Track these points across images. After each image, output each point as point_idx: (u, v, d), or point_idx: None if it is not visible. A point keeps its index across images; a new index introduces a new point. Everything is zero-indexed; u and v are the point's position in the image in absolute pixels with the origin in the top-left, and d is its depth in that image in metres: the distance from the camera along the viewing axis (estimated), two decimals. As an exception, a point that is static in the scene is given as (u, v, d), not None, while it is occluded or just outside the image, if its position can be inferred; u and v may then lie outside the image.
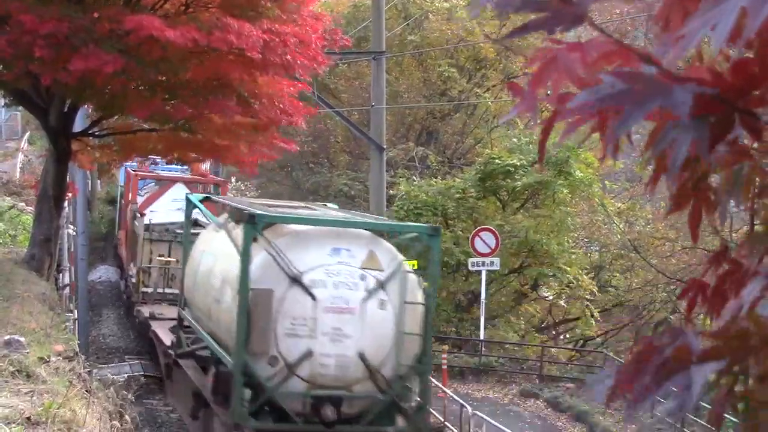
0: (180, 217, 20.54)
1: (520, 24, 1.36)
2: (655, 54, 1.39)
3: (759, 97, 1.25)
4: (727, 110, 1.24)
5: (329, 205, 16.11)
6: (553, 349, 27.12)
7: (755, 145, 1.38)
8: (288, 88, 16.45)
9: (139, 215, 23.51)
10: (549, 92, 1.40)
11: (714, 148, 1.26)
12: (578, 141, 23.94)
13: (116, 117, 17.92)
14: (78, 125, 17.66)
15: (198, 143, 17.55)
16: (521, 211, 27.03)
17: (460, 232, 25.78)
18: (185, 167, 31.15)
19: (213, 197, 16.80)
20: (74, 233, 23.23)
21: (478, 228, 23.78)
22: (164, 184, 26.44)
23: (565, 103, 1.32)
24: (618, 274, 30.54)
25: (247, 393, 10.84)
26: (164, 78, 14.78)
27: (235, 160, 18.70)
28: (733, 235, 21.40)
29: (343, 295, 11.10)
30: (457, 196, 26.08)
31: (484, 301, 22.73)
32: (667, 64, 1.29)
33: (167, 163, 31.22)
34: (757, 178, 1.48)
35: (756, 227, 1.57)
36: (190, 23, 13.37)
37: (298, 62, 14.72)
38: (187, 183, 25.33)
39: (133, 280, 22.27)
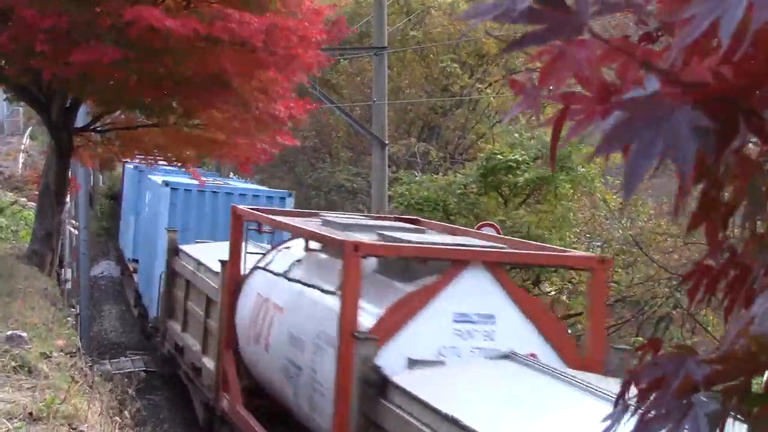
0: None
1: (520, 35, 1.34)
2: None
3: (763, 96, 1.23)
4: (731, 112, 1.23)
5: None
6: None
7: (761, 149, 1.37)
8: (286, 83, 16.42)
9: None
10: (551, 88, 1.39)
11: (722, 153, 1.24)
12: (580, 138, 23.90)
13: (118, 112, 17.92)
14: (80, 121, 17.66)
15: (200, 139, 17.54)
16: (523, 206, 27.00)
17: (462, 228, 25.77)
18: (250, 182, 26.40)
19: None
20: (75, 231, 23.10)
21: (480, 223, 23.73)
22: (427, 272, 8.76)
23: (569, 102, 1.32)
24: (620, 270, 30.50)
25: None
26: (165, 70, 14.77)
27: (236, 158, 18.63)
28: (735, 231, 21.36)
29: None
30: (459, 191, 26.05)
31: (485, 296, 22.73)
32: (667, 57, 1.28)
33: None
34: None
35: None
36: (191, 16, 13.36)
37: (300, 59, 14.70)
38: (492, 264, 8.44)
39: None
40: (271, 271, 11.13)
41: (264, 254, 12.15)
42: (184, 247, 16.49)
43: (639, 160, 1.21)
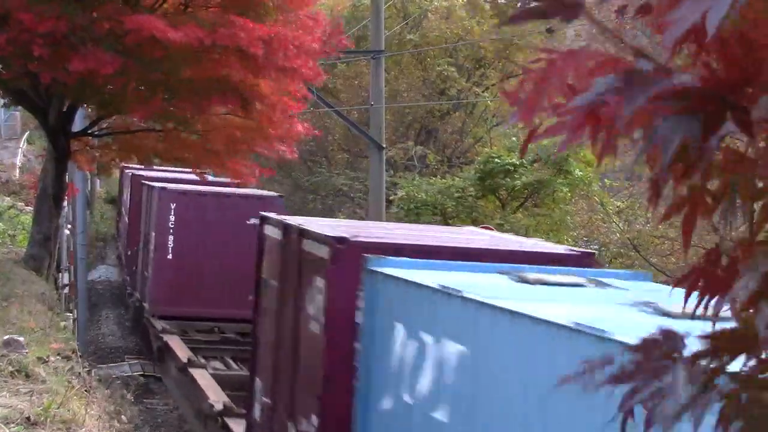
0: None
1: (517, 10, 1.36)
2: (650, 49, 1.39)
3: (751, 94, 1.25)
4: (719, 106, 1.24)
5: None
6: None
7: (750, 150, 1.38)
8: (290, 103, 16.25)
9: None
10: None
11: (707, 144, 1.26)
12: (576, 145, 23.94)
13: (115, 117, 17.91)
14: (77, 125, 17.66)
15: (198, 145, 17.49)
16: (521, 209, 27.04)
17: (460, 231, 25.79)
18: None
19: None
20: (69, 232, 22.99)
21: (478, 226, 23.78)
22: None
23: (559, 114, 1.33)
24: (617, 273, 30.52)
25: None
26: (164, 77, 14.77)
27: (234, 170, 18.28)
28: (732, 233, 21.39)
29: None
30: (457, 195, 26.07)
31: (483, 300, 22.74)
32: (657, 52, 1.29)
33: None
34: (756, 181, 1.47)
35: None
36: (190, 22, 13.34)
37: (298, 70, 14.63)
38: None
39: None
40: None
41: None
42: None
43: (636, 93, 1.22)
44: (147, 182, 21.21)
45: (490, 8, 34.09)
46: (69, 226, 22.68)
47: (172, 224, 18.22)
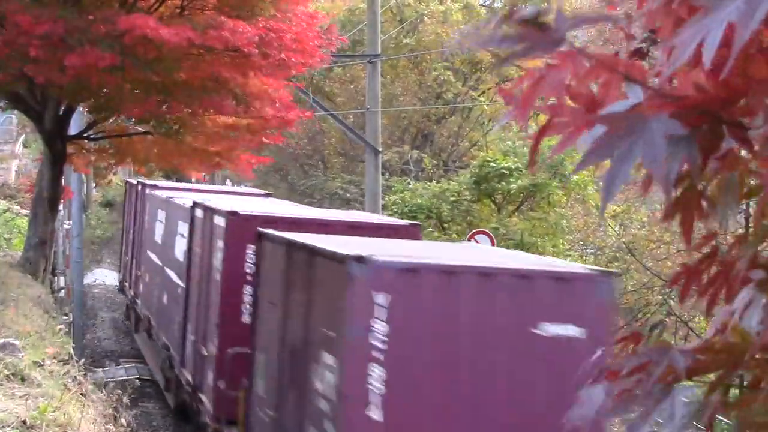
0: None
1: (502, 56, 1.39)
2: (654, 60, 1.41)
3: (744, 106, 1.27)
4: (714, 122, 1.26)
5: None
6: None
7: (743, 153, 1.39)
8: (283, 88, 16.41)
9: None
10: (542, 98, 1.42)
11: (707, 162, 1.28)
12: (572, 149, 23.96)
13: (111, 120, 17.92)
14: (73, 128, 17.66)
15: (192, 149, 17.51)
16: (516, 213, 27.05)
17: (455, 235, 25.78)
18: None
19: None
20: (68, 227, 22.90)
21: (474, 231, 23.76)
22: None
23: (555, 114, 1.35)
24: (613, 277, 30.51)
25: None
26: (159, 79, 14.79)
27: (230, 165, 18.61)
28: (728, 237, 21.40)
29: None
30: (452, 199, 26.08)
31: (479, 303, 22.74)
32: (659, 79, 1.31)
33: None
34: (748, 180, 1.49)
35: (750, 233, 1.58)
36: (185, 24, 13.38)
37: (293, 60, 14.68)
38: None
39: None
40: None
41: None
42: None
43: (617, 169, 1.25)
44: (286, 237, 9.86)
45: (486, 13, 34.13)
46: (67, 221, 22.52)
47: (383, 341, 7.70)
